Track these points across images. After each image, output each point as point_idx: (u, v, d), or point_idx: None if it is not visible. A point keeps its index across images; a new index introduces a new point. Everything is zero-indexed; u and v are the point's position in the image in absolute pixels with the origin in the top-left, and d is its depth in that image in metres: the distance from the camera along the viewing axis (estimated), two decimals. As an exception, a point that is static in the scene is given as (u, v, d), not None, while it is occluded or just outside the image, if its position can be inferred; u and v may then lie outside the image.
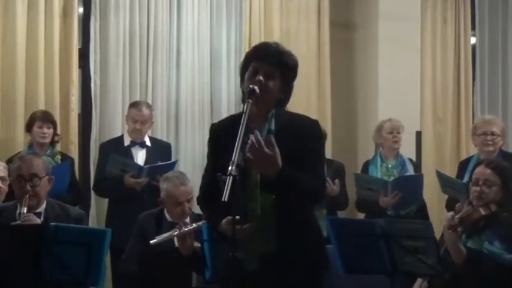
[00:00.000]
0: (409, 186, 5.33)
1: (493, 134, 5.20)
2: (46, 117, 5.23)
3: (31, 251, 3.18)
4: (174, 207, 4.31)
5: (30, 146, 5.22)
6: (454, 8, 7.01)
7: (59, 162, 5.17)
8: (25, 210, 3.70)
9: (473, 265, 3.78)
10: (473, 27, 7.13)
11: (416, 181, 5.41)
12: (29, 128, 5.22)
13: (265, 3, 6.41)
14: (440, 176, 5.30)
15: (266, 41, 3.23)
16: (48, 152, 5.17)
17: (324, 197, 3.20)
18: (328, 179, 5.11)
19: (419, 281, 4.06)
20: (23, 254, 3.18)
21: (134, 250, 4.28)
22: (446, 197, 5.45)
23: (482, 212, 3.89)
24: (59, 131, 5.36)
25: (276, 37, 6.25)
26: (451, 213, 3.91)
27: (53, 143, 5.25)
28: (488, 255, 3.78)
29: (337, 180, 5.39)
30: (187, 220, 4.27)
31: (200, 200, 3.18)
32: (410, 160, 5.74)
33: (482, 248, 3.80)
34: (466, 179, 5.13)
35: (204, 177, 3.19)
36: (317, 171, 2.98)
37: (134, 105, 5.48)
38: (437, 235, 3.93)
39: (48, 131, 5.19)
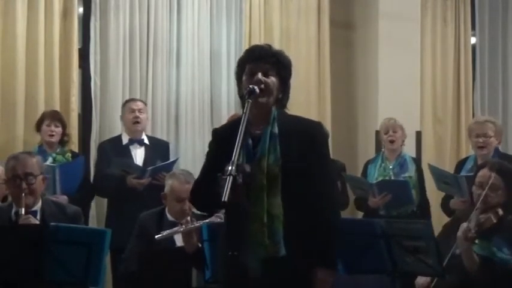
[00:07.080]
0: (395, 189, 5.28)
1: (485, 135, 5.14)
2: (55, 116, 5.25)
3: (31, 251, 3.18)
4: (175, 203, 4.31)
5: (40, 146, 5.22)
6: (454, 8, 7.02)
7: (70, 160, 5.18)
8: (23, 211, 3.69)
9: (488, 272, 3.73)
10: (473, 27, 7.14)
11: (402, 186, 5.32)
12: (38, 127, 5.23)
13: (265, 3, 6.41)
14: (433, 169, 5.27)
15: (257, 44, 3.24)
16: (58, 150, 5.19)
17: (339, 204, 3.54)
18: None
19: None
20: (23, 254, 3.18)
21: (135, 250, 4.28)
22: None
23: (494, 219, 3.84)
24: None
25: (276, 37, 6.26)
26: (466, 224, 3.81)
27: (61, 143, 5.25)
28: (499, 262, 3.75)
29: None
30: (188, 219, 4.27)
31: (190, 196, 3.27)
32: (414, 160, 5.65)
33: (490, 254, 3.76)
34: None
35: (199, 175, 3.19)
36: (326, 188, 2.99)
37: (128, 101, 5.57)
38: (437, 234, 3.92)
39: (56, 130, 5.19)
